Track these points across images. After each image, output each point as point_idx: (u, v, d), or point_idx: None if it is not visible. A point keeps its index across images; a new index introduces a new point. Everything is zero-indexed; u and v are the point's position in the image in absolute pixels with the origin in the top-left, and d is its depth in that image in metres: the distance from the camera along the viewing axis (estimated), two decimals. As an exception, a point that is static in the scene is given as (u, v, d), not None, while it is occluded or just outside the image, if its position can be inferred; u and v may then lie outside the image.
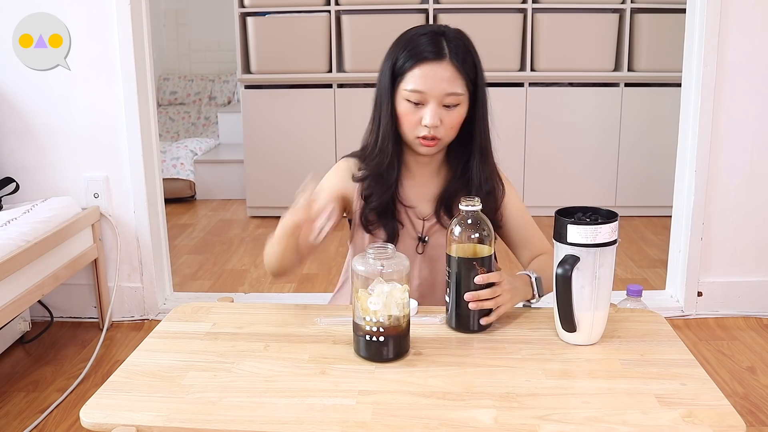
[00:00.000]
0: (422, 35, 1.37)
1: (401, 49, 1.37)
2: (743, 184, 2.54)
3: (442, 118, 1.36)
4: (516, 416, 0.96)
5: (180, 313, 1.34)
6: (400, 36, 1.41)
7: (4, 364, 2.34)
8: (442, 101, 1.35)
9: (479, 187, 1.44)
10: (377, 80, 1.42)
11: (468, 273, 1.19)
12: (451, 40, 1.36)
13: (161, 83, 5.73)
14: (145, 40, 2.55)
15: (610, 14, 3.93)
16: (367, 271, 1.10)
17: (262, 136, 4.08)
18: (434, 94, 1.34)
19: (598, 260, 1.11)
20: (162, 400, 1.03)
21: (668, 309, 2.65)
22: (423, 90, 1.34)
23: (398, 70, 1.37)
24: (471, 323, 1.22)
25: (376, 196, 1.43)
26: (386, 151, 1.41)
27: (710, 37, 2.41)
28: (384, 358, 1.12)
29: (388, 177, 1.43)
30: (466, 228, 1.19)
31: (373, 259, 1.11)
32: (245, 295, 2.93)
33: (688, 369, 1.09)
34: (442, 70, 1.34)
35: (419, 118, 1.36)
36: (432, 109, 1.35)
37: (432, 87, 1.34)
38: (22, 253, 2.09)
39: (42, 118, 2.54)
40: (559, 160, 4.02)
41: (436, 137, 1.37)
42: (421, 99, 1.35)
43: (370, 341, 1.11)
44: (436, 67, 1.34)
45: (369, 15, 3.94)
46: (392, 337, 1.11)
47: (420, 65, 1.34)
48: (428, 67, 1.34)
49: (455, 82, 1.35)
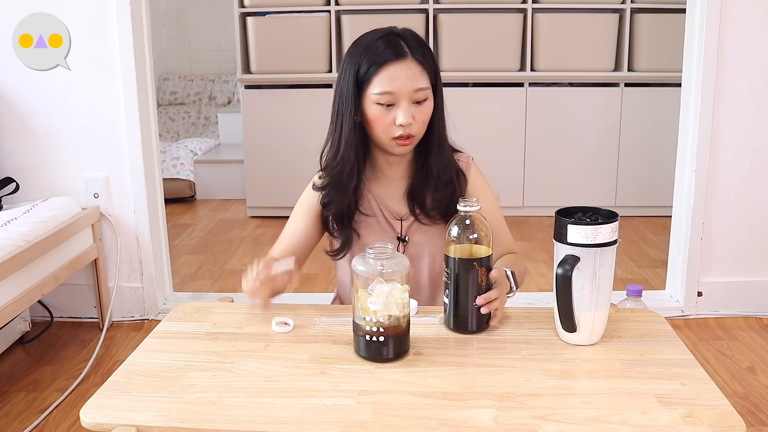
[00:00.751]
0: (378, 39, 1.38)
1: (361, 57, 1.37)
2: (743, 184, 2.54)
3: (414, 115, 1.37)
4: (516, 416, 0.96)
5: (180, 313, 1.34)
6: (354, 44, 1.41)
7: (4, 364, 2.34)
8: (412, 98, 1.36)
9: (438, 178, 1.45)
10: (335, 91, 1.43)
11: (467, 274, 1.19)
12: (407, 39, 1.38)
13: (161, 83, 5.73)
14: (145, 40, 2.55)
15: (610, 14, 3.93)
16: (367, 271, 1.10)
17: (262, 136, 4.08)
18: (404, 92, 1.35)
19: (598, 260, 1.11)
20: (162, 400, 1.03)
21: (668, 309, 2.65)
22: (392, 90, 1.35)
23: (362, 77, 1.37)
24: (470, 324, 1.22)
25: (335, 204, 1.45)
26: (348, 158, 1.41)
27: (710, 37, 2.41)
28: (384, 358, 1.12)
29: (347, 185, 1.43)
30: (464, 229, 1.19)
31: (373, 259, 1.11)
32: (245, 295, 2.93)
33: (688, 369, 1.09)
34: (406, 68, 1.35)
35: (392, 119, 1.37)
36: (404, 108, 1.36)
37: (400, 86, 1.35)
38: (22, 253, 2.09)
39: (42, 118, 2.54)
40: (559, 160, 4.02)
41: (410, 135, 1.38)
42: (392, 100, 1.36)
43: (370, 341, 1.11)
44: (401, 65, 1.35)
45: (369, 15, 3.94)
46: (392, 337, 1.11)
47: (385, 67, 1.35)
48: (393, 68, 1.35)
49: (420, 78, 1.37)
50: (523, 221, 3.97)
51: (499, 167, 3.92)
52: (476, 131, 3.85)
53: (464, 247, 1.20)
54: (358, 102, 1.39)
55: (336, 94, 1.42)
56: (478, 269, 1.19)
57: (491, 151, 3.89)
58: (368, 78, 1.36)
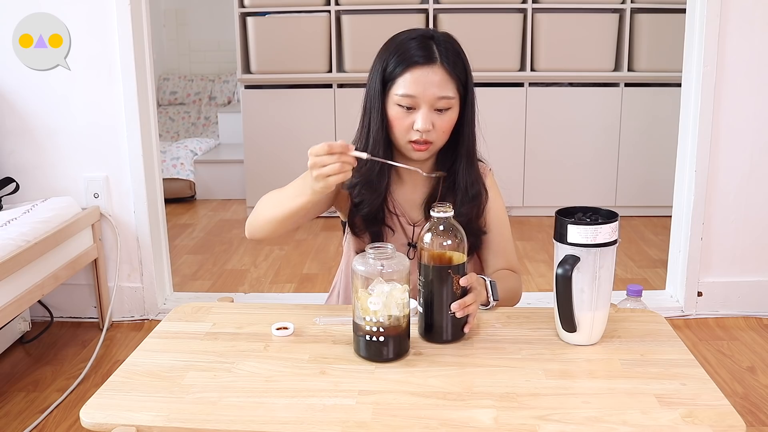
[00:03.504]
0: (411, 39, 1.35)
1: (391, 55, 1.36)
2: (743, 184, 2.54)
3: (434, 122, 1.35)
4: (516, 416, 0.96)
5: (180, 313, 1.34)
6: (388, 41, 1.40)
7: (4, 364, 2.34)
8: (433, 105, 1.34)
9: (465, 191, 1.42)
10: (366, 85, 1.41)
11: (441, 282, 1.15)
12: (441, 44, 1.35)
13: (161, 83, 5.73)
14: (145, 40, 2.55)
15: (610, 14, 3.93)
16: (367, 271, 1.10)
17: (262, 136, 4.08)
18: (426, 98, 1.33)
19: (598, 260, 1.11)
20: (162, 400, 1.03)
21: (668, 309, 2.65)
22: (414, 94, 1.33)
23: (389, 76, 1.35)
24: (444, 334, 1.18)
25: (367, 204, 1.42)
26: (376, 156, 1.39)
27: (710, 37, 2.41)
28: (384, 358, 1.12)
29: (378, 184, 1.41)
30: (438, 235, 1.15)
31: (373, 259, 1.10)
32: (245, 295, 2.93)
33: (688, 369, 1.09)
34: (433, 74, 1.33)
35: (411, 122, 1.35)
36: (424, 114, 1.34)
37: (423, 91, 1.33)
38: (22, 253, 2.09)
39: (42, 118, 2.54)
40: (559, 160, 4.02)
41: (428, 141, 1.36)
42: (413, 103, 1.34)
43: (370, 341, 1.11)
44: (427, 71, 1.33)
45: (369, 15, 3.94)
46: (392, 337, 1.11)
47: (411, 69, 1.33)
48: (419, 72, 1.33)
49: (446, 86, 1.34)
50: (523, 221, 3.97)
51: (499, 167, 3.89)
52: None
53: (439, 255, 1.16)
54: (383, 99, 1.37)
55: (366, 95, 1.41)
56: (452, 277, 1.15)
57: (491, 151, 3.86)
58: (394, 77, 1.35)
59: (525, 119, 3.99)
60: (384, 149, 1.40)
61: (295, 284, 3.08)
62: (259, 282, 3.11)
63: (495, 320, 1.28)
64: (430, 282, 1.16)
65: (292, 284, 3.08)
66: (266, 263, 3.36)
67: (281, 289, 3.03)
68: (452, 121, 1.38)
